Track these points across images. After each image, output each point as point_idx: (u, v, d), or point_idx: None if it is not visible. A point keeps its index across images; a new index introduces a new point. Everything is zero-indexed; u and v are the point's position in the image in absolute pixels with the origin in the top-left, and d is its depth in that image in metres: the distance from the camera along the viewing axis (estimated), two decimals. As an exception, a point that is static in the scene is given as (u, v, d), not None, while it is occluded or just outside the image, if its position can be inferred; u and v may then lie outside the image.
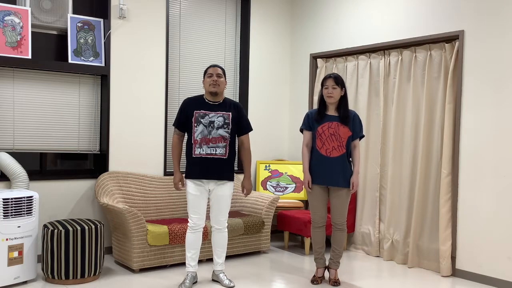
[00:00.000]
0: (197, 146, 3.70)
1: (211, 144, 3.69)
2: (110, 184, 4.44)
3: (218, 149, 3.71)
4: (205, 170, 3.71)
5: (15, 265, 3.69)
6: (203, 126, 3.69)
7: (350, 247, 5.21)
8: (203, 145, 3.69)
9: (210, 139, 3.69)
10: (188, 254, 3.81)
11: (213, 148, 3.70)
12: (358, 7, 5.18)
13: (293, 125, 5.97)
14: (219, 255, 3.94)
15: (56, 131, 4.52)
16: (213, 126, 3.69)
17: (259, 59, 5.78)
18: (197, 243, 3.81)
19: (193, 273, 3.84)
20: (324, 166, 3.85)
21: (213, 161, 3.70)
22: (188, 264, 3.82)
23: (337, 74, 3.87)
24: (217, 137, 3.70)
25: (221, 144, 3.72)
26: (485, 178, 4.10)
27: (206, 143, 3.69)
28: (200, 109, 3.72)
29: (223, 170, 3.75)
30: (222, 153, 3.72)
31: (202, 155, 3.70)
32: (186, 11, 5.28)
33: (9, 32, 4.17)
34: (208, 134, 3.69)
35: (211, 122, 3.69)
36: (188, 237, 3.80)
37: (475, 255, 4.16)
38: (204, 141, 3.69)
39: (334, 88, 3.81)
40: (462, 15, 4.24)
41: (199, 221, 3.77)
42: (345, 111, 3.86)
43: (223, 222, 3.88)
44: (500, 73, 4.00)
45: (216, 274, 3.96)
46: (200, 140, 3.69)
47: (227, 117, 3.73)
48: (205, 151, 3.69)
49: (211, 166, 3.71)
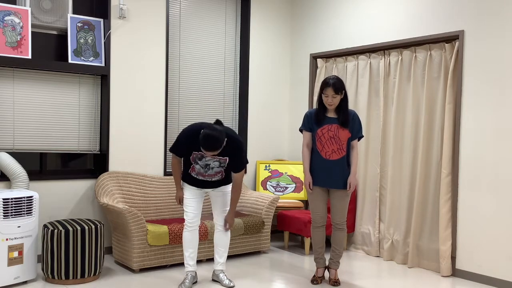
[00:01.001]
0: (194, 173, 3.74)
1: (207, 177, 3.75)
2: (110, 184, 4.44)
3: (214, 178, 3.76)
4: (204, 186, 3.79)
5: (15, 265, 3.69)
6: (199, 166, 3.70)
7: (350, 247, 5.21)
8: (199, 175, 3.74)
9: (205, 175, 3.74)
10: (186, 254, 3.81)
11: (209, 177, 3.75)
12: (358, 7, 5.18)
13: (293, 125, 5.97)
14: (221, 255, 3.94)
15: (56, 131, 4.52)
16: (209, 167, 3.70)
17: (259, 59, 5.78)
18: (194, 242, 3.81)
19: (193, 272, 3.84)
20: (324, 168, 3.84)
21: (209, 183, 3.78)
22: (187, 263, 3.82)
23: (336, 80, 3.74)
24: (212, 174, 3.74)
25: (216, 177, 3.77)
26: (485, 178, 4.10)
27: (203, 176, 3.74)
28: (198, 151, 3.64)
29: (221, 185, 3.84)
30: (218, 179, 3.79)
31: (198, 178, 3.75)
32: (186, 11, 5.27)
33: (9, 32, 4.17)
34: (205, 172, 3.72)
35: (207, 164, 3.68)
36: (184, 236, 3.80)
37: (475, 255, 4.16)
38: (200, 175, 3.73)
39: (334, 97, 3.75)
40: (462, 15, 4.24)
41: (195, 217, 3.78)
42: (345, 114, 3.81)
43: (222, 220, 3.89)
44: (500, 73, 4.00)
45: (216, 274, 3.96)
46: (197, 171, 3.72)
47: (223, 162, 3.70)
48: (200, 178, 3.75)
49: (208, 185, 3.79)
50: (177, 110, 5.20)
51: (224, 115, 5.61)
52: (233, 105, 5.70)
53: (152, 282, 3.92)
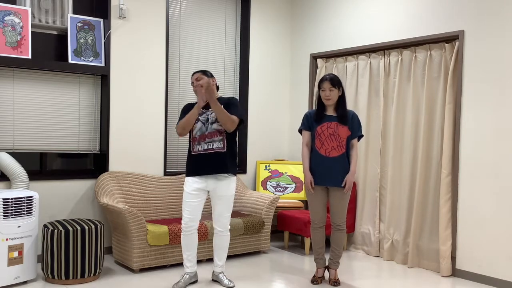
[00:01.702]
0: (196, 143, 3.76)
1: (207, 139, 3.74)
2: (110, 184, 4.44)
3: (214, 143, 3.74)
4: (204, 165, 3.72)
5: (15, 265, 3.69)
6: (201, 123, 3.75)
7: (350, 247, 5.21)
8: (201, 142, 3.74)
9: (206, 135, 3.74)
10: (184, 255, 3.83)
11: (210, 143, 3.73)
12: (358, 7, 5.18)
13: (293, 125, 5.97)
14: (220, 257, 3.94)
15: (56, 131, 4.52)
16: (209, 121, 3.75)
17: (259, 59, 5.78)
18: (192, 245, 3.81)
19: (191, 273, 3.85)
20: (324, 166, 3.84)
21: (212, 156, 3.71)
22: (185, 265, 3.84)
23: (333, 75, 3.84)
24: (212, 131, 3.74)
25: (217, 138, 3.74)
26: (485, 178, 4.10)
27: (203, 139, 3.73)
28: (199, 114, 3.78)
29: (222, 164, 3.72)
30: (219, 146, 3.73)
31: (201, 152, 3.73)
32: (186, 11, 5.27)
33: (9, 32, 4.17)
34: (206, 130, 3.74)
35: (207, 118, 3.75)
36: (182, 240, 3.80)
37: (475, 255, 4.16)
38: (202, 138, 3.74)
39: (331, 90, 3.80)
40: (462, 15, 4.24)
41: (191, 221, 3.74)
42: (343, 110, 3.86)
43: (225, 224, 3.86)
44: (500, 73, 4.00)
45: (215, 274, 3.96)
46: (198, 138, 3.75)
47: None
48: (202, 147, 3.73)
49: (210, 160, 3.71)
50: (177, 110, 5.20)
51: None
52: (233, 105, 5.70)
53: (152, 282, 3.92)
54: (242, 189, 5.25)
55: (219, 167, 3.73)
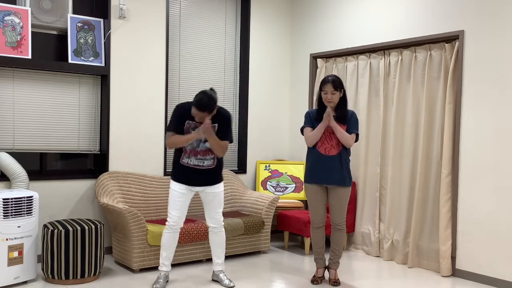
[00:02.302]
0: (186, 156, 3.72)
1: (199, 156, 3.72)
2: (110, 184, 4.44)
3: (205, 161, 3.73)
4: (193, 178, 3.74)
5: (15, 265, 3.69)
6: None
7: (350, 247, 5.21)
8: (191, 156, 3.72)
9: (198, 151, 3.71)
10: (164, 254, 3.79)
11: (201, 160, 3.72)
12: (358, 7, 5.18)
13: (293, 125, 5.97)
14: (219, 256, 3.94)
15: (56, 131, 4.52)
16: (201, 139, 3.70)
17: (259, 59, 5.78)
18: (173, 243, 3.80)
19: (166, 272, 3.83)
20: (323, 164, 3.85)
21: (201, 172, 3.74)
22: (162, 263, 3.80)
23: (334, 77, 3.82)
24: (204, 150, 3.72)
25: (209, 156, 3.74)
26: (485, 178, 4.10)
27: (195, 155, 3.71)
28: (192, 120, 3.69)
29: (210, 179, 3.78)
30: (209, 164, 3.75)
31: (190, 165, 3.72)
32: (186, 11, 5.27)
33: (9, 32, 4.17)
34: (197, 146, 3.71)
35: None
36: (164, 237, 3.77)
37: (475, 255, 4.16)
38: (193, 153, 3.71)
39: (333, 94, 3.79)
40: (462, 15, 4.24)
41: (179, 219, 3.74)
42: (343, 110, 3.86)
43: (219, 220, 3.87)
44: (500, 73, 4.00)
45: (216, 274, 3.96)
46: (189, 151, 3.71)
47: (213, 129, 3.70)
48: (192, 162, 3.72)
49: (200, 176, 3.74)
50: (177, 110, 5.20)
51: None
52: (233, 105, 5.70)
53: (152, 282, 3.91)
54: (242, 189, 5.25)
55: (207, 182, 3.78)
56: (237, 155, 5.74)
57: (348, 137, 3.80)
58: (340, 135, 3.79)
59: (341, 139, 3.79)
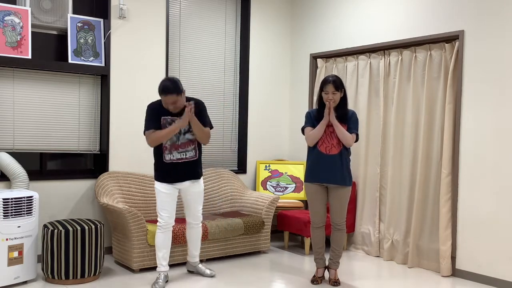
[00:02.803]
0: (167, 152, 3.74)
1: (180, 149, 3.76)
2: (110, 184, 4.44)
3: (188, 153, 3.78)
4: (178, 174, 3.77)
5: (15, 265, 3.69)
6: None
7: (350, 247, 5.21)
8: (173, 151, 3.74)
9: (179, 145, 3.75)
10: (160, 254, 3.82)
11: (183, 153, 3.76)
12: (358, 7, 5.18)
13: (293, 125, 5.97)
14: (196, 248, 4.06)
15: (56, 131, 4.52)
16: (180, 131, 3.73)
17: (259, 59, 5.78)
18: (167, 242, 3.83)
19: (165, 272, 3.85)
20: (324, 163, 3.85)
21: (185, 164, 3.78)
22: (160, 264, 3.83)
23: (335, 77, 3.83)
24: (185, 142, 3.76)
25: (190, 147, 3.79)
26: (485, 178, 4.10)
27: (176, 149, 3.74)
28: (166, 115, 3.72)
29: (194, 171, 3.84)
30: (192, 155, 3.80)
31: (173, 161, 3.75)
32: (186, 11, 5.27)
33: (9, 32, 4.17)
34: (177, 140, 3.74)
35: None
36: (158, 237, 3.80)
37: (475, 255, 4.16)
38: (174, 147, 3.74)
39: (334, 94, 3.80)
40: (462, 15, 4.24)
41: (169, 219, 3.79)
42: (344, 110, 3.87)
43: (199, 217, 3.99)
44: (500, 73, 4.00)
45: (193, 265, 4.04)
46: (169, 147, 3.74)
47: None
48: (175, 156, 3.75)
49: (184, 169, 3.78)
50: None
51: (224, 115, 5.61)
52: (233, 105, 5.70)
53: (152, 282, 3.91)
54: (242, 189, 5.25)
55: (191, 174, 3.83)
56: (237, 155, 5.74)
57: (348, 137, 3.80)
58: (341, 134, 3.79)
59: (341, 138, 3.80)
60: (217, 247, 4.53)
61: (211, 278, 4.05)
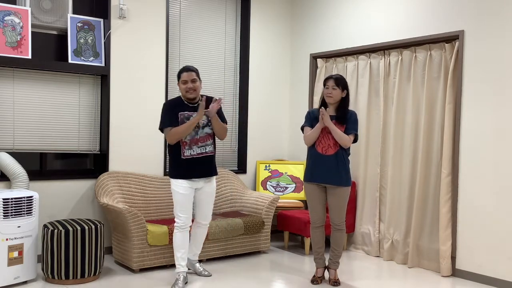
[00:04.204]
0: (187, 148, 3.75)
1: (200, 143, 3.78)
2: (110, 184, 4.44)
3: (207, 147, 3.82)
4: (196, 169, 3.78)
5: (15, 265, 3.69)
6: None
7: (350, 247, 5.21)
8: (192, 146, 3.75)
9: (198, 139, 3.77)
10: (178, 254, 3.82)
11: (203, 147, 3.79)
12: (358, 7, 5.18)
13: (293, 125, 5.97)
14: (199, 247, 4.11)
15: (56, 131, 4.52)
16: (199, 125, 3.76)
17: (259, 59, 5.78)
18: (185, 242, 3.84)
19: (184, 273, 3.85)
20: (321, 163, 3.86)
21: (205, 159, 3.81)
22: (179, 264, 3.83)
23: (340, 76, 3.89)
24: (204, 136, 3.79)
25: (209, 141, 3.83)
26: (485, 178, 4.10)
27: (195, 143, 3.76)
28: (184, 111, 3.75)
29: (212, 167, 3.89)
30: (211, 150, 3.86)
31: (194, 156, 3.75)
32: (186, 11, 5.28)
33: (9, 32, 4.17)
34: (196, 135, 3.76)
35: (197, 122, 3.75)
36: (177, 237, 3.81)
37: (475, 255, 4.16)
38: (193, 142, 3.75)
39: (334, 89, 3.84)
40: (462, 15, 4.24)
41: (187, 220, 3.81)
42: (344, 111, 3.87)
43: (210, 217, 4.03)
44: (500, 73, 4.00)
45: (193, 263, 4.09)
46: (189, 142, 3.75)
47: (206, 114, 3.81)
48: (195, 151, 3.76)
49: (203, 164, 3.80)
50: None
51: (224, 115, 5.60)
52: (233, 105, 5.70)
53: (152, 282, 3.92)
54: (242, 189, 5.25)
55: (210, 170, 3.86)
56: (237, 155, 5.74)
57: (345, 138, 3.80)
58: (337, 136, 3.79)
59: (338, 140, 3.80)
60: (217, 247, 4.53)
61: (209, 277, 4.06)
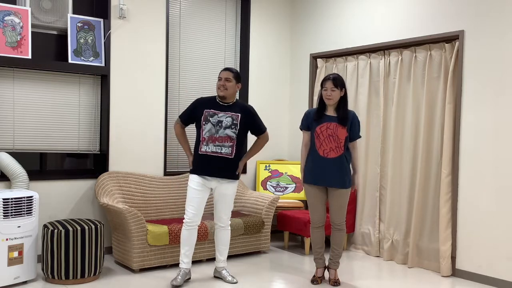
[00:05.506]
0: (204, 143, 3.78)
1: (217, 142, 3.77)
2: (110, 184, 4.44)
3: (223, 148, 3.77)
4: (209, 167, 3.77)
5: (15, 265, 3.69)
6: (211, 124, 3.77)
7: (350, 247, 5.21)
8: (209, 143, 3.77)
9: (216, 138, 3.76)
10: (182, 251, 3.84)
11: (219, 147, 3.77)
12: (358, 7, 5.18)
13: (293, 125, 5.97)
14: (222, 253, 4.00)
15: (56, 131, 4.52)
16: (221, 125, 3.76)
17: (259, 59, 5.78)
18: (191, 240, 3.83)
19: (186, 269, 3.86)
20: (322, 167, 3.84)
21: (217, 159, 3.77)
22: (181, 260, 3.86)
23: (336, 75, 3.85)
24: (223, 136, 3.77)
25: (227, 143, 3.78)
26: (485, 178, 4.10)
27: (213, 141, 3.76)
28: (210, 108, 3.81)
29: (226, 169, 3.80)
30: (227, 152, 3.78)
31: (208, 153, 3.77)
32: (186, 11, 5.28)
33: (9, 32, 4.17)
34: (216, 133, 3.77)
35: (220, 121, 3.77)
36: (183, 233, 3.83)
37: (475, 255, 4.17)
38: (211, 140, 3.76)
39: (333, 91, 3.80)
40: (462, 15, 4.24)
41: (195, 217, 3.79)
42: (344, 112, 3.84)
43: (225, 220, 3.95)
44: (500, 73, 4.00)
45: (218, 271, 4.01)
46: (207, 138, 3.77)
47: (236, 118, 3.79)
48: (210, 149, 3.76)
49: (215, 164, 3.77)
50: (177, 110, 5.20)
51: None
52: (233, 105, 5.70)
53: (152, 282, 3.92)
54: (242, 189, 5.25)
55: (223, 172, 3.81)
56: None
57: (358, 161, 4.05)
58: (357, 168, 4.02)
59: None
60: (217, 247, 4.53)
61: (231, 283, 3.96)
